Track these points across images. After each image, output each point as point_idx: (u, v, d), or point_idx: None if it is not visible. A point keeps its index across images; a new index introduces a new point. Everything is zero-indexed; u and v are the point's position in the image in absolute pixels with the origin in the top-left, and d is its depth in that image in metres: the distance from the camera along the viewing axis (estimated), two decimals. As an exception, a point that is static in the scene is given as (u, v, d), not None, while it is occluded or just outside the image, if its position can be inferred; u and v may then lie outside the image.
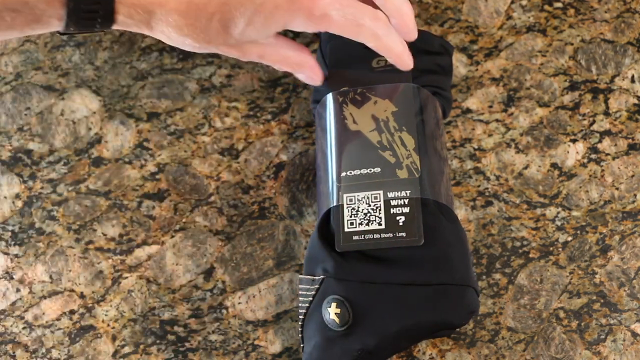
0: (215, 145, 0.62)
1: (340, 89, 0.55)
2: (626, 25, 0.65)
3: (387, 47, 0.50)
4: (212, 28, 0.46)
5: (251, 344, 0.57)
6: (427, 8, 0.66)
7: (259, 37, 0.49)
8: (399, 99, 0.54)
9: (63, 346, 0.57)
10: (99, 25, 0.46)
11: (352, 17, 0.48)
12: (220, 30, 0.47)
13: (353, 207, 0.51)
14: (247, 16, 0.46)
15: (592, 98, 0.63)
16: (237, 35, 0.47)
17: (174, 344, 0.57)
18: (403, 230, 0.50)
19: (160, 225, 0.60)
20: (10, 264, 0.60)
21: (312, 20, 0.47)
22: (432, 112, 0.55)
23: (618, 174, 0.61)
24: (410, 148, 0.52)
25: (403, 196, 0.51)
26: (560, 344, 0.56)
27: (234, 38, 0.47)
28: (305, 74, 0.54)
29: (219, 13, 0.46)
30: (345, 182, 0.52)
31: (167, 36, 0.47)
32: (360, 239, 0.50)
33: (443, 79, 0.58)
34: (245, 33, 0.47)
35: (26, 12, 0.44)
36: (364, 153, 0.52)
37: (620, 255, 0.58)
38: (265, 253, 0.59)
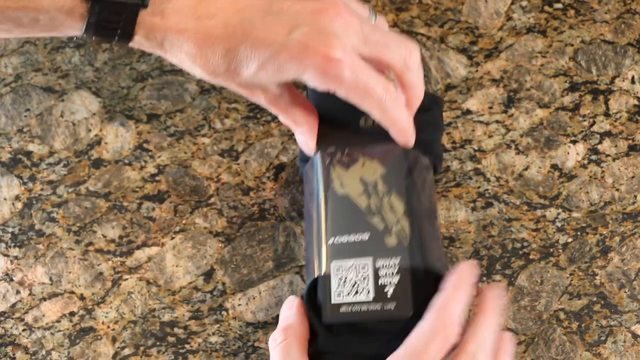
0: (215, 147, 0.62)
1: (327, 148, 0.53)
2: (626, 26, 0.65)
3: (392, 121, 0.49)
4: (223, 64, 0.46)
5: (251, 345, 0.57)
6: (427, 9, 0.66)
7: (268, 83, 0.48)
8: (388, 160, 0.52)
9: (63, 348, 0.57)
10: (115, 41, 0.46)
11: (364, 83, 0.47)
12: (231, 69, 0.46)
13: (341, 277, 0.49)
14: (261, 61, 0.46)
15: (593, 99, 0.63)
16: (246, 76, 0.47)
17: (174, 346, 0.57)
18: (392, 300, 0.48)
19: (160, 227, 0.60)
20: (10, 266, 0.60)
21: (324, 78, 0.46)
22: (422, 172, 0.54)
23: (618, 175, 0.61)
24: (400, 213, 0.50)
25: (392, 264, 0.49)
26: (561, 345, 0.55)
27: (243, 79, 0.47)
28: (303, 138, 0.53)
29: (233, 51, 0.46)
30: (332, 249, 0.50)
31: (179, 61, 0.47)
32: (348, 312, 0.48)
33: (432, 134, 0.56)
34: (256, 76, 0.47)
35: (45, 20, 0.44)
36: (352, 218, 0.50)
37: (621, 256, 0.58)
38: (265, 255, 0.59)
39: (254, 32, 0.45)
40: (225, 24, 0.45)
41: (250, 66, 0.46)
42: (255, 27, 0.45)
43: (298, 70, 0.46)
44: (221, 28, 0.45)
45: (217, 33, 0.45)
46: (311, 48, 0.45)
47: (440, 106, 0.58)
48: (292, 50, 0.45)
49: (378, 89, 0.47)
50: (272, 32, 0.45)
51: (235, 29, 0.45)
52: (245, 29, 0.45)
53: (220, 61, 0.46)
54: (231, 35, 0.45)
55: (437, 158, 0.56)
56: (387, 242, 0.50)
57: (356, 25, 0.47)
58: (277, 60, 0.46)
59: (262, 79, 0.47)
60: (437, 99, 0.58)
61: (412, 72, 0.50)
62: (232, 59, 0.46)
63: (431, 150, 0.55)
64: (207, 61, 0.46)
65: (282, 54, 0.45)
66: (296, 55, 0.45)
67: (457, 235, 0.59)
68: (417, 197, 0.52)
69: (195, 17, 0.45)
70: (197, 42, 0.46)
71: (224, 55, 0.46)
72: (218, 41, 0.45)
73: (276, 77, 0.47)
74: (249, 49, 0.45)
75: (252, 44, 0.45)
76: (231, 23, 0.45)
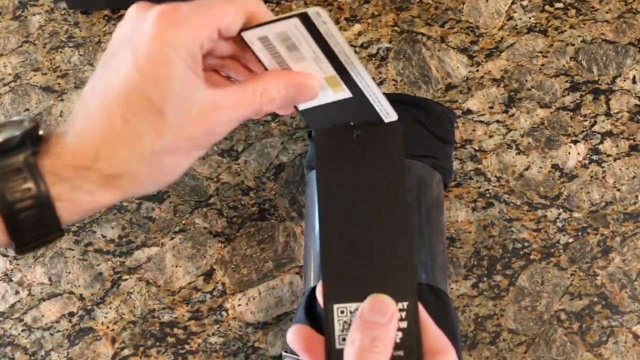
0: (215, 147, 0.62)
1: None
2: (627, 25, 0.65)
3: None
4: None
5: (251, 346, 0.56)
6: (428, 8, 0.66)
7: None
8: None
9: (62, 348, 0.57)
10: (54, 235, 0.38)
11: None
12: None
13: (345, 321, 0.42)
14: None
15: (593, 99, 0.63)
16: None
17: (174, 346, 0.57)
18: (399, 349, 0.41)
19: (159, 227, 0.60)
20: (9, 266, 0.59)
21: None
22: (431, 188, 0.53)
23: (619, 175, 0.60)
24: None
25: (400, 308, 0.42)
26: (562, 345, 0.55)
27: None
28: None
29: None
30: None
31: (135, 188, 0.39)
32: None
33: (444, 149, 0.56)
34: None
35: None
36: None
37: (622, 256, 0.58)
38: (265, 255, 0.59)
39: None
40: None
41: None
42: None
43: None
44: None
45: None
46: None
47: (452, 120, 0.58)
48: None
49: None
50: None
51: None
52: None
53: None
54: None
55: (448, 173, 0.56)
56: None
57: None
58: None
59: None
60: (449, 113, 0.57)
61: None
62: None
63: (441, 165, 0.55)
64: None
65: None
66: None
67: (457, 235, 0.59)
68: (426, 212, 0.51)
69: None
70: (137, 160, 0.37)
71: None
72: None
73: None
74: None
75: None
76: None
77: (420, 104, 0.56)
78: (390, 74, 0.64)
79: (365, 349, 0.37)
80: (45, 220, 0.35)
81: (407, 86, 0.64)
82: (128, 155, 0.36)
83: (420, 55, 0.65)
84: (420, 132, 0.54)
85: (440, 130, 0.55)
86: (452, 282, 0.57)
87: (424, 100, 0.58)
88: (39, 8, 0.68)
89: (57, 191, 0.35)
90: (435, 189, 0.54)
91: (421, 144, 0.54)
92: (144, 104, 0.35)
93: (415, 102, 0.57)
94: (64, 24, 0.67)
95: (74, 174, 0.35)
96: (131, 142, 0.36)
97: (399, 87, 0.64)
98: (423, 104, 0.56)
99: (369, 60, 0.65)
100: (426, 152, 0.54)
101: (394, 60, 0.65)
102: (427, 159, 0.53)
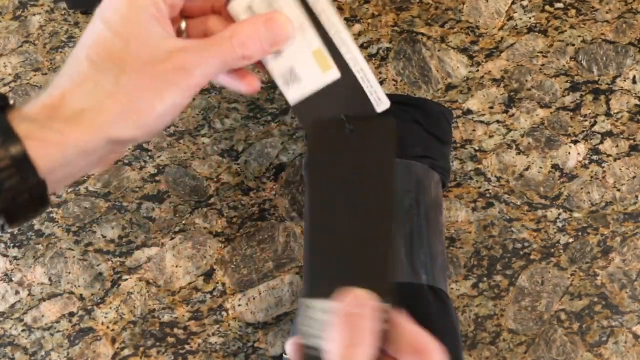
0: (215, 147, 0.62)
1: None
2: (627, 25, 0.65)
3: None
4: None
5: (251, 346, 0.56)
6: (428, 8, 0.66)
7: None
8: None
9: (62, 348, 0.57)
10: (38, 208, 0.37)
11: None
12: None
13: (319, 319, 0.43)
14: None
15: (593, 99, 0.63)
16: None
17: (174, 346, 0.57)
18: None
19: (159, 227, 0.60)
20: (9, 266, 0.59)
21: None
22: (430, 189, 0.53)
23: (619, 175, 0.60)
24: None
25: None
26: (562, 345, 0.55)
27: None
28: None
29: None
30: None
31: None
32: None
33: (441, 149, 0.56)
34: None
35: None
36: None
37: (622, 256, 0.58)
38: (265, 255, 0.59)
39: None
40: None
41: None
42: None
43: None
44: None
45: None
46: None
47: (449, 120, 0.58)
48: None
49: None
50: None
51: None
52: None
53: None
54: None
55: (446, 173, 0.56)
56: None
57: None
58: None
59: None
60: (446, 112, 0.57)
61: None
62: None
63: (439, 165, 0.55)
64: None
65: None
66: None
67: (457, 235, 0.59)
68: (425, 213, 0.51)
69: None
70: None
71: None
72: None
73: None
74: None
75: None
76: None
77: (418, 104, 0.56)
78: (390, 74, 0.64)
79: (349, 344, 0.35)
80: (17, 162, 0.34)
81: (407, 86, 0.64)
82: (92, 89, 0.36)
83: (420, 55, 0.65)
84: (419, 132, 0.54)
85: (438, 130, 0.55)
86: (452, 282, 0.57)
87: (421, 100, 0.58)
88: (39, 8, 0.68)
89: (24, 129, 0.34)
90: (434, 189, 0.54)
91: (419, 144, 0.54)
92: (107, 44, 0.36)
93: (413, 102, 0.57)
94: (64, 24, 0.67)
95: (42, 114, 0.35)
96: (95, 78, 0.36)
97: (399, 87, 0.64)
98: (421, 104, 0.56)
99: (369, 60, 0.65)
100: (424, 153, 0.54)
101: (394, 60, 0.65)
102: (425, 159, 0.53)
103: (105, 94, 0.36)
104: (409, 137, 0.54)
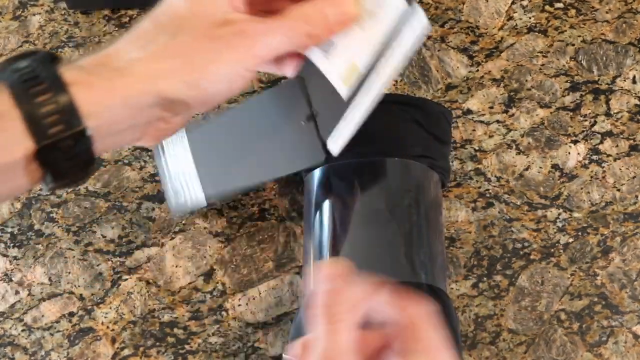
0: (215, 147, 0.62)
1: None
2: (627, 25, 0.65)
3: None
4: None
5: (251, 346, 0.56)
6: (428, 8, 0.66)
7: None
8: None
9: (62, 349, 0.57)
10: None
11: None
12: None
13: None
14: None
15: (593, 99, 0.63)
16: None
17: (174, 346, 0.57)
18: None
19: (159, 227, 0.60)
20: (9, 266, 0.59)
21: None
22: (429, 189, 0.53)
23: (619, 175, 0.60)
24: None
25: None
26: (562, 346, 0.55)
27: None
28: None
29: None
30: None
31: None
32: None
33: (441, 149, 0.56)
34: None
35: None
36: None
37: (622, 256, 0.58)
38: (265, 255, 0.59)
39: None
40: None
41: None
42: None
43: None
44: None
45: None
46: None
47: (449, 120, 0.57)
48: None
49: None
50: None
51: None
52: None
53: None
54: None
55: (445, 173, 0.56)
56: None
57: None
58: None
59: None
60: (446, 113, 0.57)
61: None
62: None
63: (439, 165, 0.55)
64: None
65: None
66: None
67: (457, 235, 0.59)
68: (424, 213, 0.51)
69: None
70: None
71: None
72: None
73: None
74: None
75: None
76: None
77: (418, 104, 0.56)
78: (390, 74, 0.64)
79: (329, 320, 0.34)
80: (64, 107, 0.33)
81: (407, 86, 0.64)
82: (146, 43, 0.35)
83: (420, 55, 0.65)
84: (418, 132, 0.54)
85: (438, 130, 0.55)
86: (452, 282, 0.57)
87: (421, 100, 0.58)
88: (39, 8, 0.68)
89: (72, 76, 0.34)
90: (434, 189, 0.54)
91: (419, 144, 0.54)
92: (173, 6, 0.36)
93: (413, 102, 0.57)
94: (64, 24, 0.67)
95: (91, 64, 0.35)
96: (152, 34, 0.36)
97: (399, 87, 0.64)
98: (421, 104, 0.56)
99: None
100: (424, 153, 0.54)
101: (394, 60, 0.64)
102: (425, 159, 0.54)
103: (159, 48, 0.35)
104: (409, 137, 0.54)
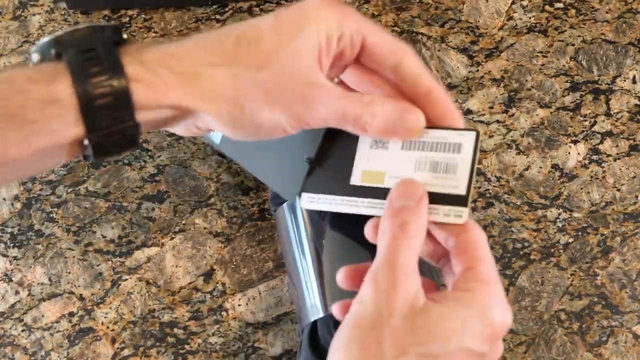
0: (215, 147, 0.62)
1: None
2: (627, 25, 0.65)
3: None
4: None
5: (251, 346, 0.56)
6: (428, 8, 0.66)
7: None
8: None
9: (62, 349, 0.57)
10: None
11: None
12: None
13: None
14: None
15: (593, 99, 0.63)
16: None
17: (174, 346, 0.57)
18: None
19: (159, 227, 0.60)
20: (9, 266, 0.59)
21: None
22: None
23: (619, 175, 0.60)
24: None
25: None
26: (562, 345, 0.55)
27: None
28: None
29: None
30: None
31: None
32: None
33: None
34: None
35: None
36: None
37: (622, 256, 0.58)
38: (265, 255, 0.59)
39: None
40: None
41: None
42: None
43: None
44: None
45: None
46: None
47: None
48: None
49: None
50: None
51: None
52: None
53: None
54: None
55: None
56: None
57: None
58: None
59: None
60: None
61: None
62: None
63: None
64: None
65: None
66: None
67: (457, 235, 0.59)
68: None
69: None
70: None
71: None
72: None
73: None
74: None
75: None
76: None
77: None
78: (390, 74, 0.64)
79: (396, 236, 0.35)
80: (119, 97, 0.33)
81: (407, 86, 0.64)
82: (219, 64, 0.34)
83: (420, 55, 0.65)
84: None
85: None
86: (452, 282, 0.57)
87: None
88: (39, 8, 0.68)
89: (133, 71, 0.33)
90: None
91: None
92: (261, 37, 0.35)
93: None
94: (64, 24, 0.67)
95: (155, 63, 0.34)
96: (228, 57, 0.35)
97: (399, 87, 0.64)
98: None
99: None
100: None
101: (394, 60, 0.64)
102: None
103: (226, 74, 0.35)
104: None
